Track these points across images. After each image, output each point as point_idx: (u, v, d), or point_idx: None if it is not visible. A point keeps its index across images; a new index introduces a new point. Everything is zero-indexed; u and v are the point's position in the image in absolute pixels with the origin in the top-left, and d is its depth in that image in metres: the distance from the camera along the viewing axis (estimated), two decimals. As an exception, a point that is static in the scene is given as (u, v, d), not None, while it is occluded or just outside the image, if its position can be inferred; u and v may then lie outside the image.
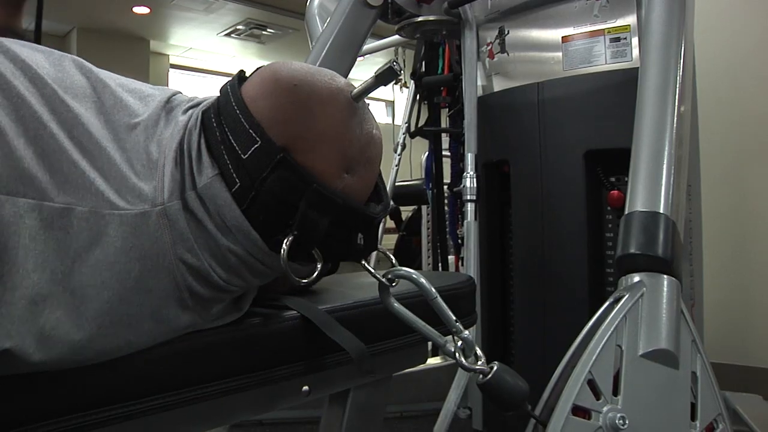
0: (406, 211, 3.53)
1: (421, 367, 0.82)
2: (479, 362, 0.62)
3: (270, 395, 0.62)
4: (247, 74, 0.56)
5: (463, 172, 1.61)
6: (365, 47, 1.84)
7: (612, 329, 0.70)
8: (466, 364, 0.62)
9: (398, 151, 2.86)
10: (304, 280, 0.54)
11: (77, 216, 0.44)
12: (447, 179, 2.30)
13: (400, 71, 0.54)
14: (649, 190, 0.84)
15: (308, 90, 0.53)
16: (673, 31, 0.97)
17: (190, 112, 0.55)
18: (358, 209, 0.54)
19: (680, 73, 0.94)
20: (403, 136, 2.81)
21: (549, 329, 1.44)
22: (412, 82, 2.51)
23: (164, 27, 6.03)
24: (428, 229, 2.83)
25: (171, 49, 6.66)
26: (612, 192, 1.40)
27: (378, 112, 9.38)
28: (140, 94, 0.56)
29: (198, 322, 0.53)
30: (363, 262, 0.59)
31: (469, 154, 1.61)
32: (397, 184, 2.51)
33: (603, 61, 1.41)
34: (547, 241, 1.46)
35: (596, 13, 1.42)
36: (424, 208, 2.86)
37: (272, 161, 0.49)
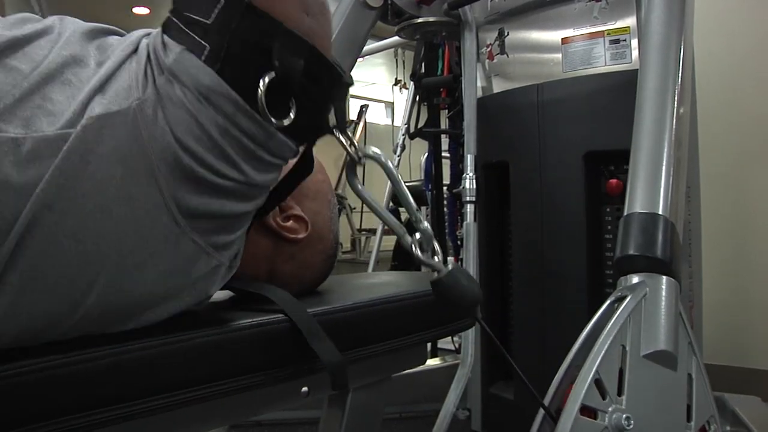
0: (405, 213, 3.52)
1: (420, 368, 0.82)
2: (436, 258, 0.64)
3: (269, 396, 0.62)
4: None
5: (463, 174, 1.61)
6: (365, 48, 1.84)
7: (617, 329, 0.70)
8: (423, 257, 0.63)
9: (398, 152, 2.87)
10: (282, 123, 0.53)
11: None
12: (446, 180, 2.31)
13: None
14: (648, 191, 0.84)
15: None
16: (672, 33, 0.97)
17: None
18: (325, 55, 0.55)
19: (680, 74, 0.94)
20: (402, 137, 2.81)
21: (548, 329, 1.44)
22: (412, 83, 2.51)
23: (164, 28, 6.04)
24: (428, 230, 2.82)
25: (171, 50, 6.67)
26: (611, 180, 1.40)
27: (378, 113, 9.38)
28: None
29: (201, 254, 0.52)
30: (336, 133, 0.60)
31: (469, 156, 1.61)
32: (396, 185, 2.50)
33: (602, 62, 1.41)
34: (546, 242, 1.46)
35: (596, 15, 1.42)
36: (423, 209, 2.86)
37: (239, 11, 0.50)
